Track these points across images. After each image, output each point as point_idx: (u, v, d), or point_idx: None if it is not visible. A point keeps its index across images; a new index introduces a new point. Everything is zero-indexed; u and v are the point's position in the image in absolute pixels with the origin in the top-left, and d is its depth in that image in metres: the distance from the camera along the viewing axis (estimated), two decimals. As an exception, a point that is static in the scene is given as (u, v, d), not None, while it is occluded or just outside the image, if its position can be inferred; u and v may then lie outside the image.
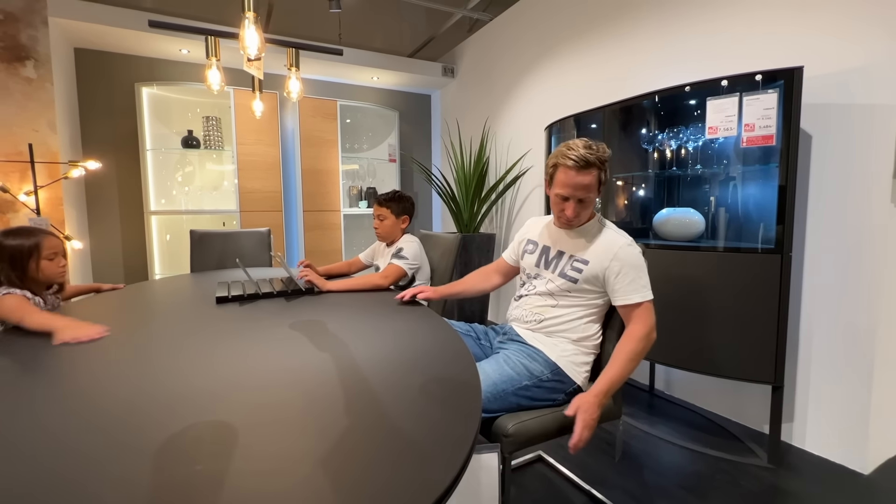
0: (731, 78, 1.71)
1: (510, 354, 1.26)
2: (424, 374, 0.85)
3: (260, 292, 1.57)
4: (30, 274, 1.33)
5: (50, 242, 1.38)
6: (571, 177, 1.20)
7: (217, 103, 3.62)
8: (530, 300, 1.36)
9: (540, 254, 1.38)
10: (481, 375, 1.08)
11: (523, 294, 1.40)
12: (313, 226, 3.90)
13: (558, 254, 1.33)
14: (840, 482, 1.60)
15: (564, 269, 1.29)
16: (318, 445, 0.59)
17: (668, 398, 2.31)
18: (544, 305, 1.33)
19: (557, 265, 1.32)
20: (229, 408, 0.70)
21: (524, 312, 1.36)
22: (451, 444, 0.60)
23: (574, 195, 1.22)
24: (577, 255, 1.28)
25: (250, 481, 0.51)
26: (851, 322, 1.67)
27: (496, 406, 1.14)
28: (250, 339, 1.08)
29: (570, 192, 1.22)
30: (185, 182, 3.68)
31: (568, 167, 1.20)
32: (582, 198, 1.22)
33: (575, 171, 1.19)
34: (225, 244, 2.54)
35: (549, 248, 1.37)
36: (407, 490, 0.51)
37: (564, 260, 1.31)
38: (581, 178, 1.20)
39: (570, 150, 1.21)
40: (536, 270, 1.38)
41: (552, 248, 1.36)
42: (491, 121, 3.80)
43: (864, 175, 1.62)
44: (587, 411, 1.03)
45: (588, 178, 1.20)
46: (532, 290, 1.37)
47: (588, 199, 1.23)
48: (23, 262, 1.32)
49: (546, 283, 1.33)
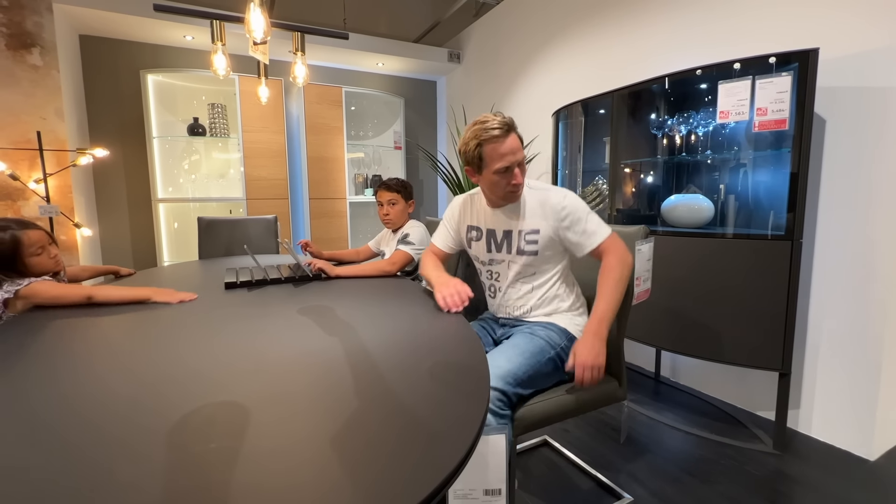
0: (744, 61, 1.67)
1: (534, 328, 1.25)
2: (432, 357, 0.86)
3: (268, 278, 1.58)
4: (20, 269, 1.31)
5: (30, 238, 1.31)
6: (504, 143, 1.17)
7: (222, 90, 3.61)
8: (507, 296, 1.34)
9: (487, 239, 1.33)
10: (514, 351, 1.12)
11: (496, 287, 1.37)
12: (319, 214, 3.90)
13: (505, 234, 1.30)
14: (845, 468, 1.60)
15: (521, 246, 1.27)
16: (328, 425, 0.60)
17: (674, 385, 2.31)
18: (522, 296, 1.31)
19: (511, 245, 1.29)
20: (241, 389, 0.71)
21: (511, 310, 1.34)
22: (459, 424, 0.61)
23: (516, 160, 1.18)
24: (525, 228, 1.26)
25: (264, 459, 0.52)
26: (861, 310, 1.66)
27: (532, 377, 1.11)
28: (260, 324, 1.09)
29: (511, 158, 1.18)
30: (191, 170, 3.69)
31: (496, 137, 1.17)
32: (520, 160, 1.20)
33: (504, 138, 1.17)
34: (232, 231, 2.55)
35: (493, 231, 1.31)
36: (416, 469, 0.51)
37: (514, 237, 1.28)
38: (511, 140, 1.18)
39: (486, 124, 1.18)
40: (489, 256, 1.34)
41: (496, 230, 1.31)
42: (497, 107, 3.76)
43: (878, 160, 1.59)
44: (581, 353, 1.06)
45: (515, 140, 1.19)
46: (498, 280, 1.35)
47: (524, 160, 1.22)
48: (10, 261, 1.28)
49: (507, 266, 1.31)
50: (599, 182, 2.43)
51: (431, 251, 1.47)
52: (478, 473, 0.80)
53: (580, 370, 1.06)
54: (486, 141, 1.17)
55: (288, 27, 1.84)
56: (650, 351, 2.44)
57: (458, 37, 4.30)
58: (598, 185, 2.43)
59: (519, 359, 1.12)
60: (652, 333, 2.01)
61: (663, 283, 1.90)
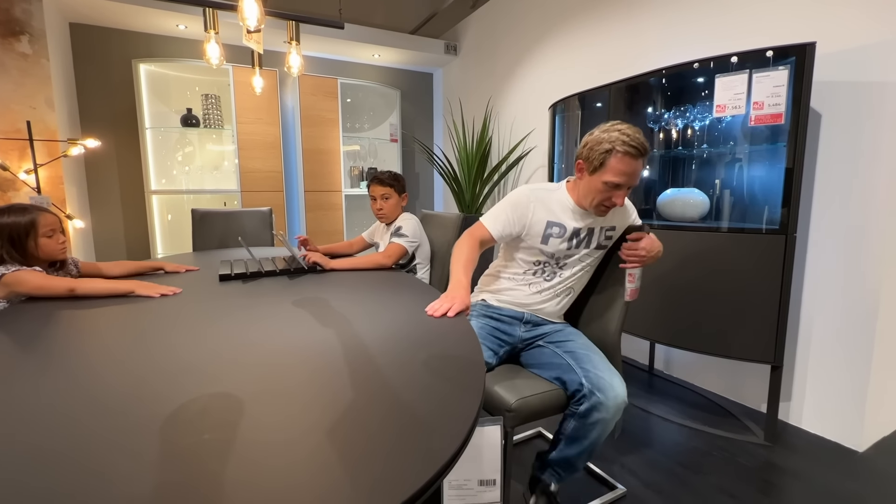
0: (741, 54, 1.67)
1: (580, 338, 1.30)
2: (428, 350, 0.85)
3: (263, 270, 1.57)
4: (30, 252, 1.32)
5: (46, 219, 1.35)
6: (630, 164, 1.14)
7: (216, 81, 3.56)
8: (559, 284, 1.34)
9: (570, 237, 1.29)
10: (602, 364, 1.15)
11: (545, 284, 1.35)
12: (314, 206, 3.88)
13: (588, 231, 1.30)
14: (835, 459, 1.62)
15: (599, 241, 1.32)
16: (323, 417, 0.59)
17: (668, 378, 2.33)
18: (572, 276, 1.34)
19: (591, 241, 1.32)
20: (235, 381, 0.71)
21: (555, 304, 1.37)
22: (454, 416, 0.61)
23: (629, 183, 1.17)
24: (606, 225, 1.32)
25: (258, 450, 0.52)
26: (853, 304, 1.67)
27: None
28: (254, 316, 1.09)
29: (626, 180, 1.16)
30: (185, 161, 3.65)
31: (628, 154, 1.13)
32: (632, 185, 1.19)
33: (633, 158, 1.14)
34: (227, 223, 2.54)
35: (579, 230, 1.29)
36: (411, 460, 0.51)
37: (597, 234, 1.31)
38: (638, 165, 1.15)
39: (626, 137, 1.14)
40: (567, 253, 1.31)
41: (582, 228, 1.29)
42: (494, 100, 3.74)
43: (872, 155, 1.60)
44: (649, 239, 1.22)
45: (640, 168, 1.17)
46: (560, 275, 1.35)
47: (633, 187, 1.21)
48: (21, 239, 1.30)
49: (580, 257, 1.33)
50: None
51: (478, 234, 1.30)
52: (473, 464, 0.81)
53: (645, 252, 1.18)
54: (618, 151, 1.14)
55: (282, 16, 1.81)
56: (644, 344, 2.46)
57: (454, 28, 4.26)
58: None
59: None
60: (646, 327, 2.02)
61: (659, 277, 1.91)
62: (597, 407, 1.04)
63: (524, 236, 1.30)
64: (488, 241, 1.31)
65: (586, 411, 1.06)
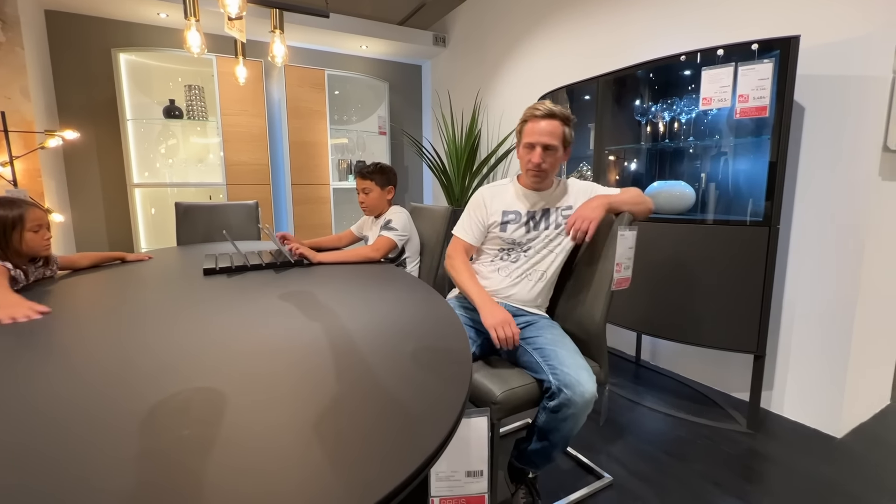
0: (728, 47, 1.68)
1: (552, 330, 1.30)
2: (415, 342, 0.85)
3: (248, 264, 1.55)
4: (13, 246, 1.29)
5: (34, 214, 1.33)
6: (537, 125, 1.29)
7: (199, 71, 3.49)
8: (525, 265, 1.38)
9: (527, 220, 1.38)
10: (569, 359, 1.14)
11: (512, 267, 1.39)
12: (302, 200, 3.84)
13: (544, 212, 1.38)
14: (814, 446, 1.67)
15: (557, 220, 1.37)
16: (308, 410, 0.59)
17: (654, 368, 2.36)
18: (541, 261, 1.38)
19: (548, 221, 1.37)
20: (218, 375, 0.70)
21: (527, 290, 1.38)
22: (440, 408, 0.61)
23: (539, 141, 1.28)
24: (562, 206, 1.38)
25: (241, 444, 0.51)
26: (833, 294, 1.71)
27: None
28: (239, 310, 1.07)
29: (536, 138, 1.29)
30: (168, 154, 3.57)
31: (534, 117, 1.30)
32: (547, 144, 1.28)
33: (540, 118, 1.29)
34: (211, 217, 2.49)
35: (533, 213, 1.38)
36: (397, 451, 0.51)
37: (552, 214, 1.38)
38: (545, 124, 1.28)
39: (536, 105, 1.32)
40: (527, 236, 1.38)
41: (536, 211, 1.38)
42: (483, 92, 3.72)
43: (853, 148, 1.63)
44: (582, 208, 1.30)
45: (552, 126, 1.28)
46: (525, 259, 1.38)
47: (553, 147, 1.29)
48: (6, 233, 1.28)
49: (543, 240, 1.37)
50: (584, 169, 2.44)
51: (460, 247, 1.42)
52: (460, 455, 0.81)
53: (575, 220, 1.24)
54: (528, 119, 1.32)
55: (265, 3, 1.77)
56: (632, 336, 2.49)
57: (443, 20, 4.22)
58: (582, 172, 2.44)
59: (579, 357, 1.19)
60: (633, 318, 2.04)
61: (645, 269, 1.93)
62: (566, 404, 1.06)
63: (489, 230, 1.43)
64: (470, 248, 1.45)
65: (555, 408, 1.08)
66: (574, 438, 1.18)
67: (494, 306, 1.21)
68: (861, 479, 1.47)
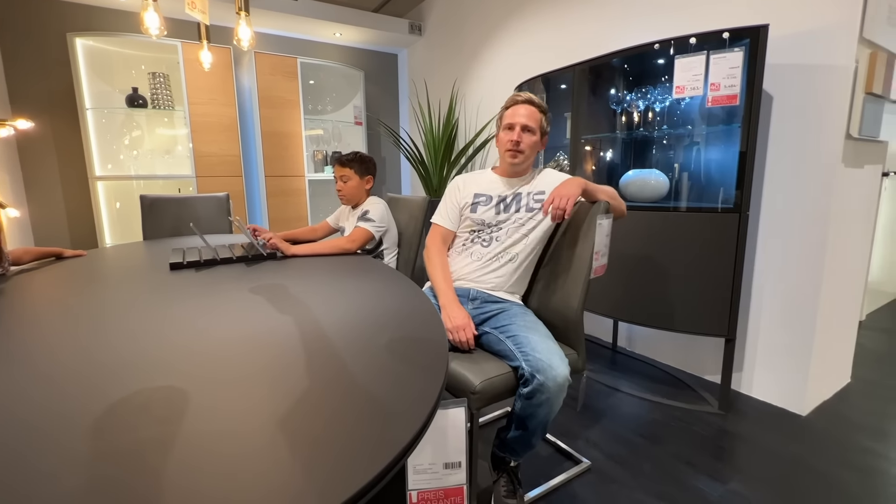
0: (700, 35, 1.69)
1: (525, 317, 1.30)
2: (390, 333, 0.83)
3: (218, 258, 1.50)
4: None
5: None
6: (517, 109, 1.36)
7: (164, 58, 3.33)
8: (497, 249, 1.38)
9: (497, 203, 1.41)
10: (541, 344, 1.14)
11: (483, 250, 1.40)
12: (276, 192, 3.74)
13: (515, 195, 1.41)
14: (781, 424, 1.73)
15: (528, 204, 1.39)
16: (275, 406, 0.56)
17: (630, 354, 2.41)
18: (513, 245, 1.39)
19: (519, 205, 1.40)
20: (181, 372, 0.66)
21: (498, 274, 1.38)
22: (414, 400, 0.59)
23: (518, 121, 1.34)
24: (533, 190, 1.40)
25: (202, 445, 0.48)
26: (799, 278, 1.77)
27: None
28: (206, 305, 1.03)
29: (516, 119, 1.35)
30: (133, 145, 3.42)
31: (515, 103, 1.37)
32: (525, 124, 1.34)
33: (518, 104, 1.37)
34: (180, 210, 2.40)
35: (505, 196, 1.41)
36: (368, 447, 0.49)
37: (524, 198, 1.40)
38: (525, 109, 1.35)
39: (516, 94, 1.40)
40: (498, 219, 1.40)
41: (508, 195, 1.41)
42: (460, 82, 3.68)
43: (818, 136, 1.67)
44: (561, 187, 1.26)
45: (530, 111, 1.35)
46: (497, 244, 1.39)
47: (531, 129, 1.35)
48: None
49: (514, 223, 1.39)
50: (560, 158, 2.44)
51: (438, 235, 1.46)
52: (437, 447, 0.80)
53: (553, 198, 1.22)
54: (509, 105, 1.39)
55: (231, -14, 1.69)
56: (608, 323, 2.53)
57: (419, 7, 4.15)
58: (559, 161, 2.45)
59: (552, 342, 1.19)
60: (610, 305, 2.07)
61: (622, 257, 1.95)
62: (539, 389, 1.06)
63: (462, 212, 1.46)
64: (448, 234, 1.47)
65: (530, 394, 1.08)
66: (553, 425, 1.19)
67: (456, 309, 1.25)
68: (824, 455, 1.54)
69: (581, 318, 1.29)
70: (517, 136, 1.34)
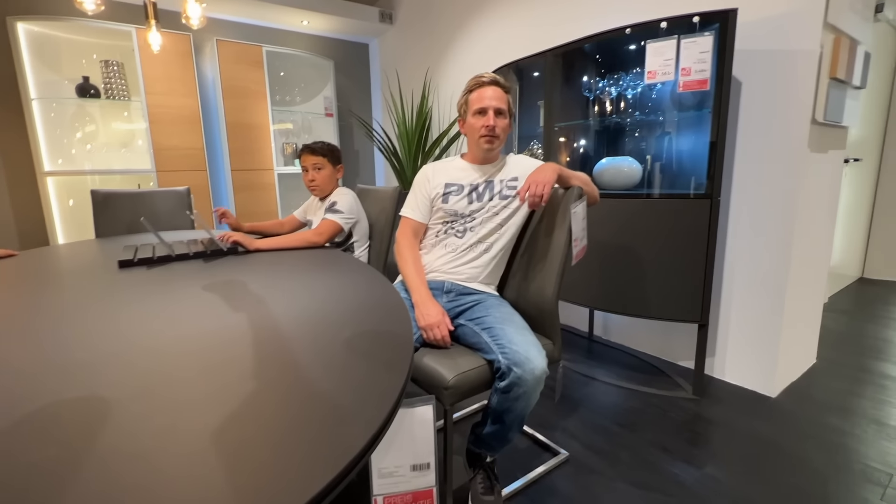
0: (671, 20, 1.68)
1: (501, 308, 1.25)
2: (353, 328, 0.77)
3: (174, 254, 1.40)
4: None
5: None
6: (485, 91, 1.30)
7: (118, 46, 3.14)
8: (471, 239, 1.34)
9: (469, 192, 1.36)
10: (518, 336, 1.10)
11: (457, 241, 1.35)
12: (244, 186, 3.60)
13: (487, 183, 1.36)
14: (752, 406, 1.76)
15: (501, 191, 1.34)
16: (212, 415, 0.50)
17: (606, 343, 2.42)
18: (488, 235, 1.35)
19: (493, 192, 1.35)
20: (106, 381, 0.59)
21: (472, 265, 1.34)
22: (373, 400, 0.54)
23: (490, 105, 1.28)
24: (506, 177, 1.36)
25: (119, 462, 0.42)
26: (767, 263, 1.79)
27: None
28: (153, 304, 0.95)
29: (487, 102, 1.29)
30: (87, 139, 3.21)
31: (480, 85, 1.31)
32: (498, 107, 1.29)
33: (485, 86, 1.30)
34: (136, 206, 2.26)
35: (477, 185, 1.36)
36: (317, 455, 0.44)
37: (497, 185, 1.35)
38: (492, 91, 1.29)
39: (479, 75, 1.33)
40: (471, 208, 1.35)
41: (480, 183, 1.36)
42: (433, 71, 3.61)
43: (785, 121, 1.69)
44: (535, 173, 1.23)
45: (498, 93, 1.29)
46: (471, 234, 1.34)
47: (503, 112, 1.30)
48: None
49: (488, 212, 1.34)
50: (535, 147, 2.41)
51: (409, 228, 1.40)
52: (404, 449, 0.75)
53: (529, 185, 1.18)
54: (473, 88, 1.32)
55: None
56: (584, 311, 2.53)
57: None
58: (533, 151, 2.42)
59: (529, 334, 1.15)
60: (585, 294, 2.06)
61: (597, 245, 1.94)
62: (517, 382, 1.03)
63: (433, 203, 1.40)
64: (419, 227, 1.41)
65: (507, 388, 1.04)
66: (530, 416, 1.16)
67: (430, 306, 1.19)
68: (794, 434, 1.57)
69: (556, 308, 1.26)
70: (492, 121, 1.28)
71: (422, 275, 1.32)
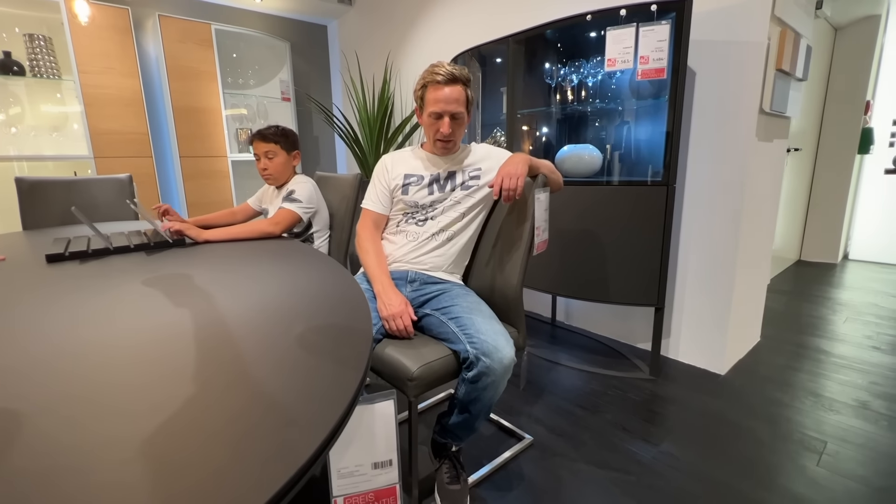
0: (630, 7, 1.69)
1: (467, 297, 1.24)
2: (307, 323, 0.73)
3: (111, 247, 1.29)
4: None
5: None
6: (441, 91, 1.22)
7: (45, 18, 2.85)
8: (433, 228, 1.32)
9: (430, 183, 1.33)
10: (486, 326, 1.09)
11: (418, 229, 1.33)
12: (194, 174, 3.39)
13: (449, 174, 1.34)
14: (704, 384, 1.85)
15: (464, 181, 1.32)
16: (141, 424, 0.45)
17: (568, 328, 2.47)
18: (451, 224, 1.33)
19: (455, 183, 1.33)
20: (18, 391, 0.52)
21: (436, 254, 1.32)
22: (325, 400, 0.51)
23: (446, 109, 1.23)
24: (468, 169, 1.33)
25: (20, 485, 0.37)
26: (718, 247, 1.87)
27: None
28: (83, 302, 0.86)
29: (442, 107, 1.23)
30: (11, 122, 2.92)
31: (437, 83, 1.22)
32: (454, 112, 1.24)
33: (444, 85, 1.22)
34: (70, 195, 2.07)
35: (438, 175, 1.34)
36: (261, 464, 0.40)
37: (458, 177, 1.33)
38: (449, 91, 1.22)
39: (434, 68, 1.24)
40: (431, 199, 1.32)
41: (441, 173, 1.34)
42: (394, 55, 3.51)
43: (735, 110, 1.75)
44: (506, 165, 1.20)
45: (456, 92, 1.23)
46: (433, 223, 1.32)
47: (460, 115, 1.26)
48: None
49: (451, 202, 1.32)
50: (498, 134, 2.40)
51: (369, 220, 1.36)
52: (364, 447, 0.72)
53: (502, 178, 1.14)
54: (429, 84, 1.24)
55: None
56: (547, 298, 2.57)
57: (347, -26, 3.88)
58: (496, 138, 2.40)
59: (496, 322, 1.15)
60: (548, 281, 2.09)
61: (559, 232, 1.96)
62: (485, 372, 1.02)
63: (392, 194, 1.37)
64: (380, 219, 1.38)
65: (475, 378, 1.04)
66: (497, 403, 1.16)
67: (392, 295, 1.17)
68: (741, 409, 1.66)
69: (520, 296, 1.26)
70: (447, 129, 1.25)
71: (383, 264, 1.28)
